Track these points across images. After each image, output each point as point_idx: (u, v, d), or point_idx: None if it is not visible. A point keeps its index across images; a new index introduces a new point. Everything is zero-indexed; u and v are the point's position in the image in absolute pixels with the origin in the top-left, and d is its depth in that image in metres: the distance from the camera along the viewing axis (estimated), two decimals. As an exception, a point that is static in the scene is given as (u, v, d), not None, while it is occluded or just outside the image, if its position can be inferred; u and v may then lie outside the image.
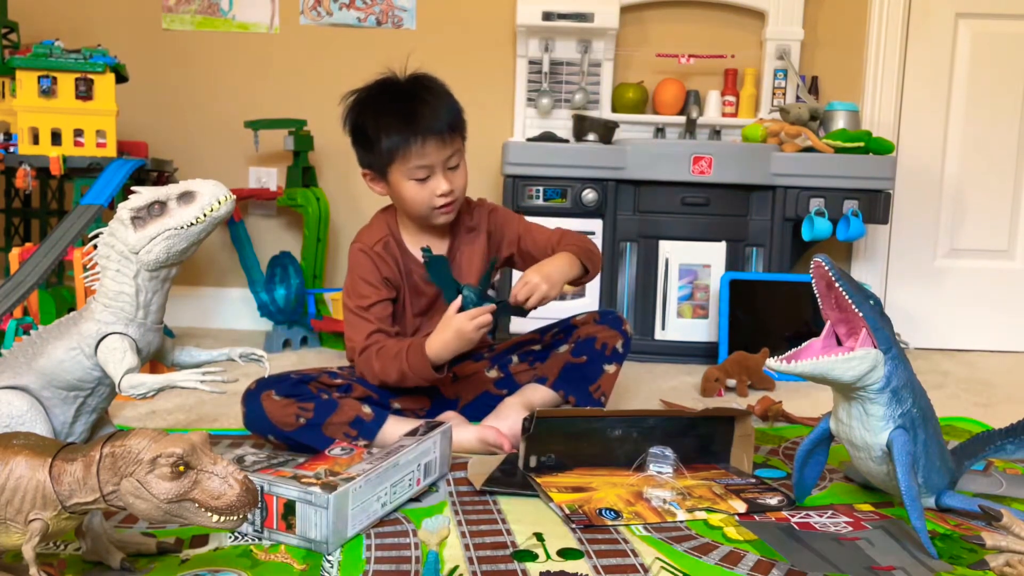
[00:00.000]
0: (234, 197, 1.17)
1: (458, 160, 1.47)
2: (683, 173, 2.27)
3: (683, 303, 2.33)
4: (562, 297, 2.31)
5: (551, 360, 1.54)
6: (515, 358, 1.59)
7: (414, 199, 1.45)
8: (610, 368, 1.53)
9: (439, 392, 1.54)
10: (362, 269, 1.49)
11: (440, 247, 1.54)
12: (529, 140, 2.38)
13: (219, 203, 1.14)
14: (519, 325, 1.69)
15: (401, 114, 1.41)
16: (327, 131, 2.54)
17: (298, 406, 1.35)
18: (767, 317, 2.25)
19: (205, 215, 1.13)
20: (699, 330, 2.32)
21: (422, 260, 1.36)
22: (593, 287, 2.33)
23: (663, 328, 2.32)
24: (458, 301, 1.39)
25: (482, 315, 1.36)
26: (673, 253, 2.31)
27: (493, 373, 1.58)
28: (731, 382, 1.95)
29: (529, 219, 1.63)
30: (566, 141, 2.40)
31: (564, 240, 1.53)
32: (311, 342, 2.40)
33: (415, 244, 1.54)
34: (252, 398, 1.37)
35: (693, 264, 2.33)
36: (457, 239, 1.56)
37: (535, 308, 1.40)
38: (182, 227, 1.13)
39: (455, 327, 1.38)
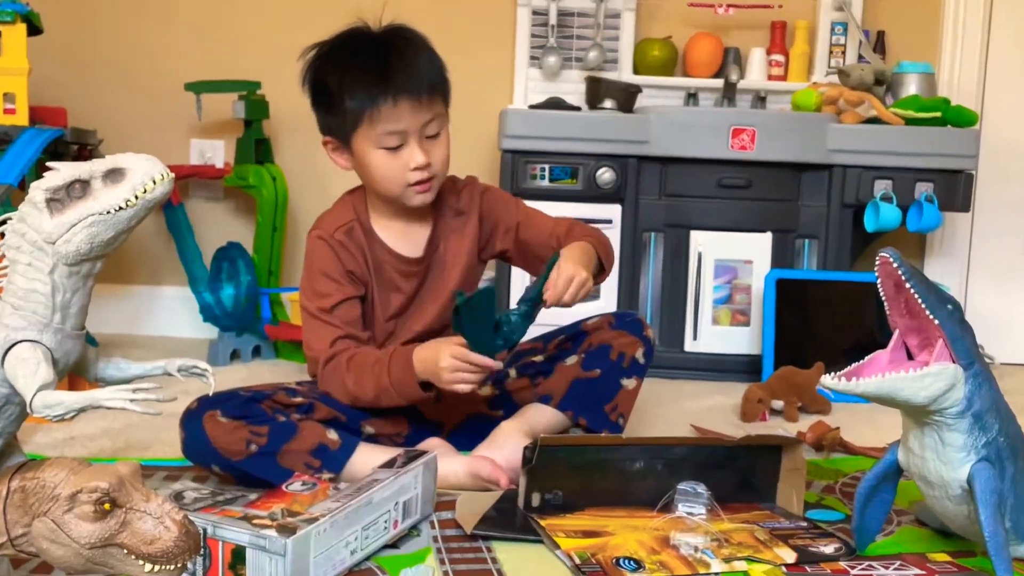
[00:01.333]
0: (172, 175, 1.17)
1: (438, 128, 1.47)
2: (720, 148, 2.28)
3: (719, 307, 2.33)
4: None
5: (557, 374, 1.54)
6: (513, 372, 1.59)
7: (383, 172, 1.45)
8: (629, 383, 1.53)
9: (420, 414, 1.54)
10: (321, 261, 1.49)
11: (420, 234, 1.55)
12: (532, 107, 2.38)
13: (154, 183, 1.14)
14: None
15: (370, 69, 1.42)
16: (285, 95, 2.53)
17: (249, 430, 1.35)
18: (822, 324, 2.25)
19: (136, 197, 1.13)
20: (739, 340, 2.32)
21: (454, 307, 1.32)
22: (609, 289, 2.33)
23: (695, 338, 2.32)
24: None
25: (469, 369, 1.35)
26: (707, 246, 2.31)
27: (486, 391, 1.58)
28: (777, 404, 1.96)
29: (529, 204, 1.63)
30: (578, 109, 2.40)
31: (575, 231, 1.54)
32: (265, 353, 2.39)
33: (387, 231, 1.54)
34: (193, 421, 1.37)
35: (732, 260, 2.33)
36: (441, 225, 1.56)
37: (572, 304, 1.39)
38: (108, 212, 1.13)
39: (436, 358, 1.37)
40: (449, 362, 1.36)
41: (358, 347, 1.46)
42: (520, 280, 2.32)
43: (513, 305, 1.41)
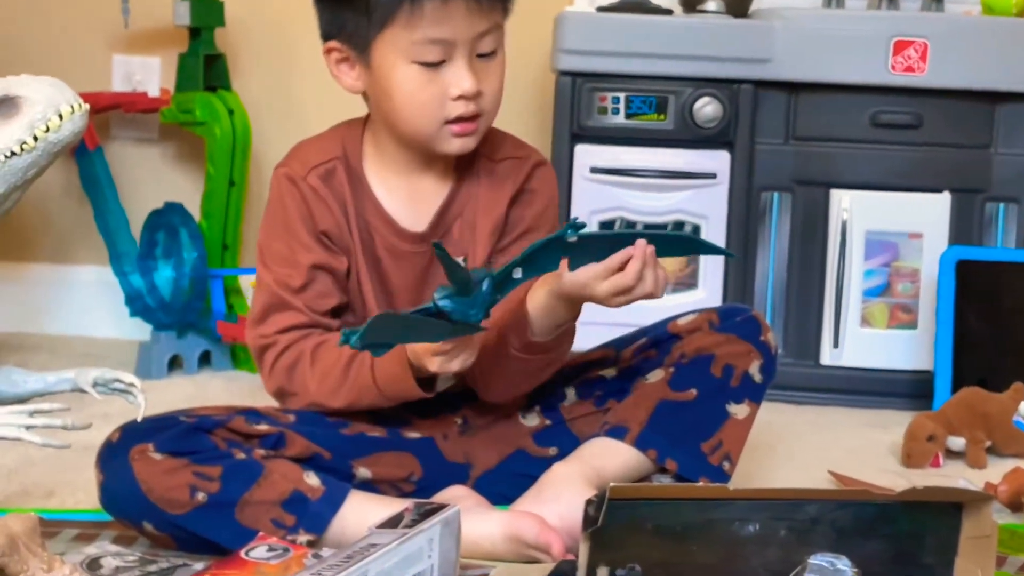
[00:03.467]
0: (86, 107, 1.18)
1: (494, 45, 1.48)
2: (876, 70, 2.26)
3: (873, 301, 2.31)
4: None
5: (635, 396, 1.54)
6: (571, 392, 1.60)
7: (414, 98, 1.46)
8: (739, 410, 1.53)
9: (437, 451, 1.55)
10: (284, 210, 1.52)
11: (431, 197, 1.55)
12: (602, 10, 2.37)
13: (60, 118, 1.15)
14: (577, 338, 1.67)
15: None
16: (248, -7, 2.55)
17: (194, 472, 1.36)
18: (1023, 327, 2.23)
19: (35, 138, 1.14)
20: (901, 349, 2.30)
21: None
22: (711, 273, 2.32)
23: (836, 345, 2.31)
24: None
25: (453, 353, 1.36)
26: (856, 212, 2.29)
27: (533, 419, 1.59)
28: (956, 442, 1.94)
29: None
30: (668, 12, 2.38)
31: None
32: (217, 361, 2.41)
33: (384, 183, 1.55)
34: (116, 458, 1.38)
35: (891, 232, 2.31)
36: (466, 188, 1.57)
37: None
38: (-3, 159, 1.15)
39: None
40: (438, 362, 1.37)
41: (323, 336, 1.49)
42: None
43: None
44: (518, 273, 1.35)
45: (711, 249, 1.62)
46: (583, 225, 1.35)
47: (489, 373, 1.49)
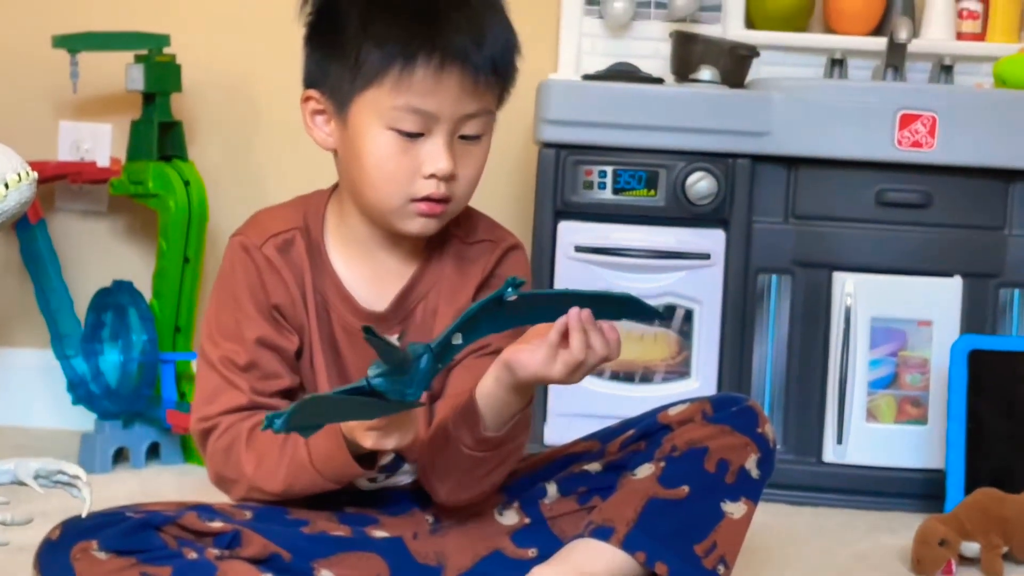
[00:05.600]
0: (35, 176, 1.19)
1: (480, 130, 1.50)
2: (881, 145, 2.28)
3: (879, 393, 2.31)
4: (644, 378, 2.31)
5: (622, 493, 1.53)
6: (552, 488, 1.59)
7: (383, 167, 1.47)
8: (735, 509, 1.52)
9: (406, 552, 1.54)
10: (235, 280, 1.52)
11: (395, 275, 1.56)
12: (588, 79, 2.39)
13: (6, 187, 1.16)
14: (559, 431, 1.66)
15: (417, 9, 1.45)
16: (206, 56, 2.56)
17: (142, 572, 1.35)
18: (1042, 423, 2.23)
19: (-21, 208, 1.15)
20: (910, 446, 2.30)
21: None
22: (704, 359, 2.33)
23: (839, 441, 2.30)
24: None
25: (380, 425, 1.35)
26: (861, 297, 2.30)
27: (511, 517, 1.58)
28: (971, 547, 1.93)
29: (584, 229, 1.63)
30: (659, 81, 2.40)
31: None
32: (166, 453, 2.40)
33: (346, 258, 1.56)
34: (56, 557, 1.37)
35: (899, 319, 2.31)
36: (433, 268, 1.58)
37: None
38: (-64, 230, 1.16)
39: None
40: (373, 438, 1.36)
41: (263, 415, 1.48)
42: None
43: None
44: (458, 339, 1.34)
45: (649, 312, 1.59)
46: (523, 283, 1.34)
47: (441, 474, 1.50)
